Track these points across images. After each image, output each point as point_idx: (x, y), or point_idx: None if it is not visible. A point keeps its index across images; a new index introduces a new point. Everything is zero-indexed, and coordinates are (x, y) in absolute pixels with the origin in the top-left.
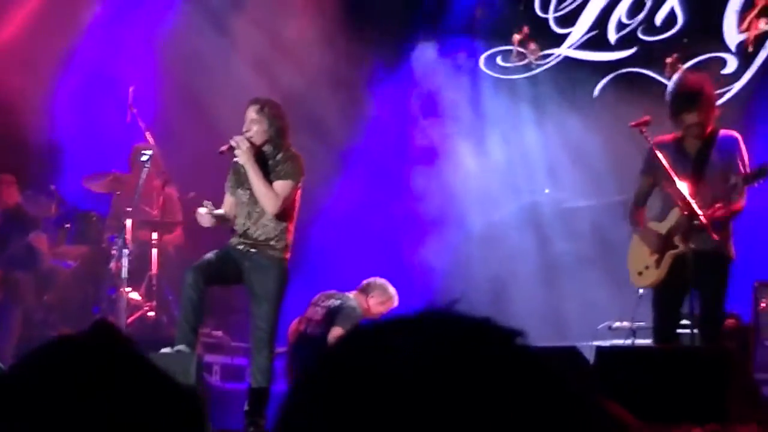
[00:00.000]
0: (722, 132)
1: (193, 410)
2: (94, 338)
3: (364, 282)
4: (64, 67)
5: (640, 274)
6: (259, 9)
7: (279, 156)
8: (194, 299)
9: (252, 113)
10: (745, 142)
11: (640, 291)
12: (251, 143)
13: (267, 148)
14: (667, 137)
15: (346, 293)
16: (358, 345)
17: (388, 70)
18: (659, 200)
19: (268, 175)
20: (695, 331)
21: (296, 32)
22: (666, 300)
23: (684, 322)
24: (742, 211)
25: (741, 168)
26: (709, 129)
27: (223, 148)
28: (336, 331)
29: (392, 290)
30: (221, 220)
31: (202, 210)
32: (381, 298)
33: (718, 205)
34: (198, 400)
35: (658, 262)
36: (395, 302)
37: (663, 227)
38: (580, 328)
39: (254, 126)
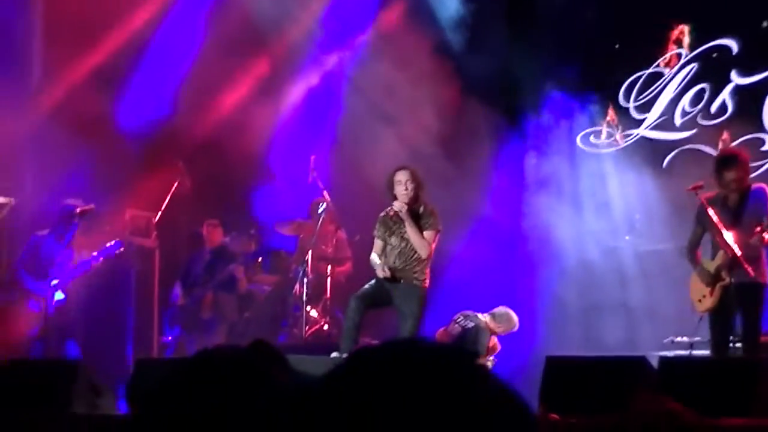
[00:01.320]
0: (753, 185)
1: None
2: (252, 351)
3: (497, 310)
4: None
5: (699, 301)
6: (404, 93)
7: (422, 210)
8: (356, 319)
9: (405, 176)
10: None
11: (700, 314)
12: (408, 204)
13: (414, 205)
14: (713, 193)
15: (480, 315)
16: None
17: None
18: (709, 244)
19: (418, 225)
20: (738, 345)
21: (428, 105)
22: (720, 321)
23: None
24: None
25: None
26: (744, 184)
27: (389, 212)
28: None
29: (515, 319)
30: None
31: (380, 271)
32: (506, 326)
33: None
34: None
35: (711, 292)
36: (516, 328)
37: (713, 265)
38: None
39: (409, 185)
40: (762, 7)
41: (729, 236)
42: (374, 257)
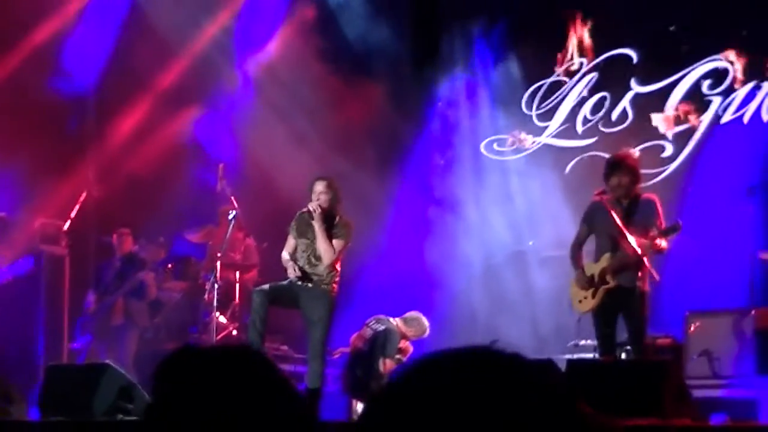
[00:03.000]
0: (644, 195)
1: (307, 408)
2: (240, 348)
3: (408, 314)
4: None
5: (580, 302)
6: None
7: (337, 220)
8: (261, 313)
9: (321, 187)
10: (673, 208)
11: (579, 316)
12: (322, 209)
13: (329, 213)
14: (604, 197)
15: (391, 319)
16: (422, 374)
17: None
18: (594, 245)
19: (329, 233)
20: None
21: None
22: (603, 323)
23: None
24: (663, 251)
25: (657, 222)
26: (633, 191)
27: (305, 210)
28: (388, 363)
29: (426, 324)
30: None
31: (290, 270)
32: (417, 330)
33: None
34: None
35: (593, 294)
36: (426, 334)
37: (597, 268)
38: (555, 344)
39: (323, 196)
40: (661, 17)
41: (632, 239)
42: (285, 255)
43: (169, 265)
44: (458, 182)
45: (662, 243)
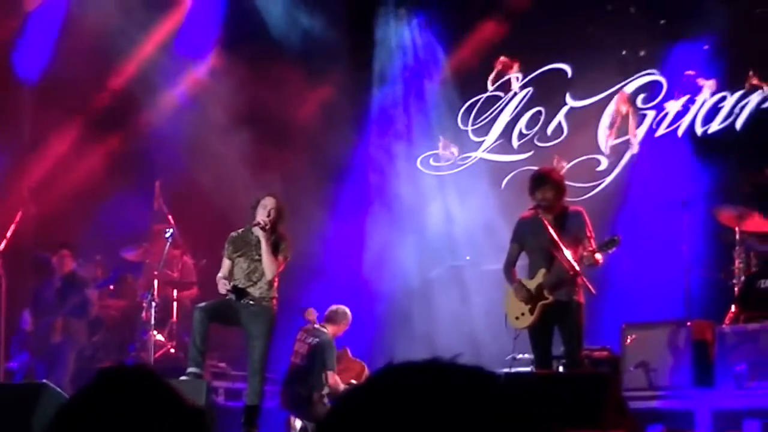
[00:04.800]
0: (571, 207)
1: (201, 423)
2: (135, 370)
3: (330, 311)
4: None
5: (517, 318)
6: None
7: (280, 236)
8: (201, 330)
9: (271, 203)
10: (608, 222)
11: (516, 332)
12: (270, 224)
13: (273, 229)
14: (528, 213)
15: (319, 327)
16: (384, 384)
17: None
18: (527, 262)
19: (273, 249)
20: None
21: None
22: (541, 339)
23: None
24: (599, 264)
25: (587, 233)
26: (558, 205)
27: (256, 222)
28: (332, 377)
29: (348, 311)
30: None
31: (221, 286)
32: (345, 320)
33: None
34: (203, 415)
35: (531, 310)
36: (350, 319)
37: (533, 284)
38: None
39: (273, 212)
40: (597, 31)
41: (568, 253)
42: (220, 276)
43: (110, 286)
44: (395, 197)
45: (598, 257)
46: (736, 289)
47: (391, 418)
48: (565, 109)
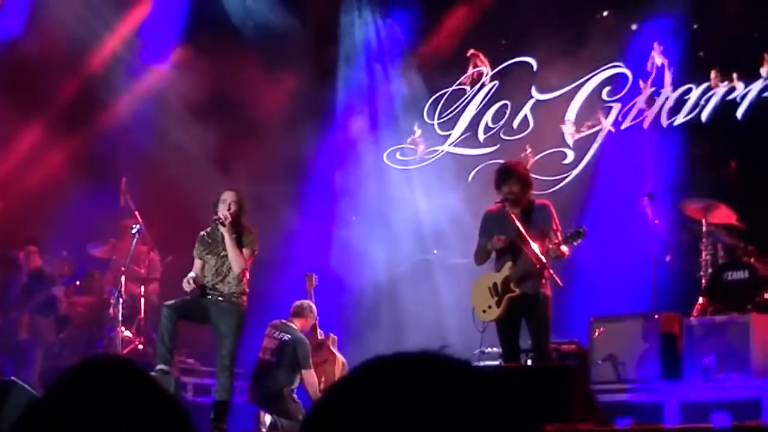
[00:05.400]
0: (537, 201)
1: (183, 412)
2: (112, 360)
3: (296, 306)
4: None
5: (484, 311)
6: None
7: (243, 229)
8: (169, 328)
9: (230, 197)
10: (575, 214)
11: (483, 325)
12: (232, 218)
13: (236, 223)
14: (495, 206)
15: (288, 323)
16: (368, 378)
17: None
18: (495, 254)
19: (238, 243)
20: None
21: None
22: (509, 331)
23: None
24: (565, 257)
25: (554, 226)
26: (524, 198)
27: (216, 218)
28: (309, 375)
29: (314, 308)
30: (196, 284)
31: (185, 283)
32: (311, 317)
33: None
34: (184, 406)
35: (498, 303)
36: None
37: (500, 277)
38: (462, 352)
39: (233, 206)
40: (560, 24)
41: (535, 246)
42: (189, 275)
43: (77, 282)
44: (362, 191)
45: (564, 249)
46: (703, 281)
47: (380, 413)
48: (530, 102)
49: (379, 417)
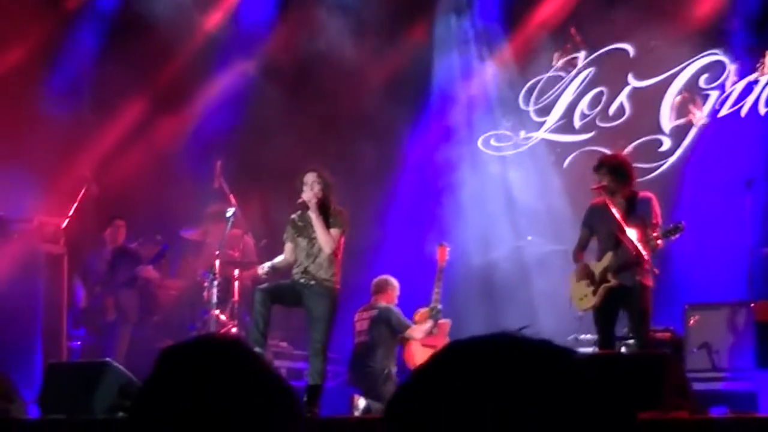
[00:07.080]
0: (641, 193)
1: (291, 392)
2: (222, 340)
3: (375, 285)
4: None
5: (580, 300)
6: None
7: (331, 209)
8: (262, 311)
9: (312, 178)
10: (671, 202)
11: (580, 313)
12: (317, 198)
13: (323, 203)
14: (598, 200)
15: (372, 304)
16: (451, 361)
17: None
18: (597, 245)
19: (326, 223)
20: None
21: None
22: (604, 320)
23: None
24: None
25: (653, 220)
26: (621, 189)
27: (300, 201)
28: (413, 330)
29: (393, 280)
30: (273, 271)
31: (260, 269)
32: (392, 290)
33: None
34: (294, 391)
35: (594, 292)
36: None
37: (599, 266)
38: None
39: (316, 186)
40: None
41: (633, 233)
42: (276, 259)
43: (162, 262)
44: (457, 178)
45: (659, 241)
46: None
47: (459, 395)
48: (627, 89)
49: (461, 400)
